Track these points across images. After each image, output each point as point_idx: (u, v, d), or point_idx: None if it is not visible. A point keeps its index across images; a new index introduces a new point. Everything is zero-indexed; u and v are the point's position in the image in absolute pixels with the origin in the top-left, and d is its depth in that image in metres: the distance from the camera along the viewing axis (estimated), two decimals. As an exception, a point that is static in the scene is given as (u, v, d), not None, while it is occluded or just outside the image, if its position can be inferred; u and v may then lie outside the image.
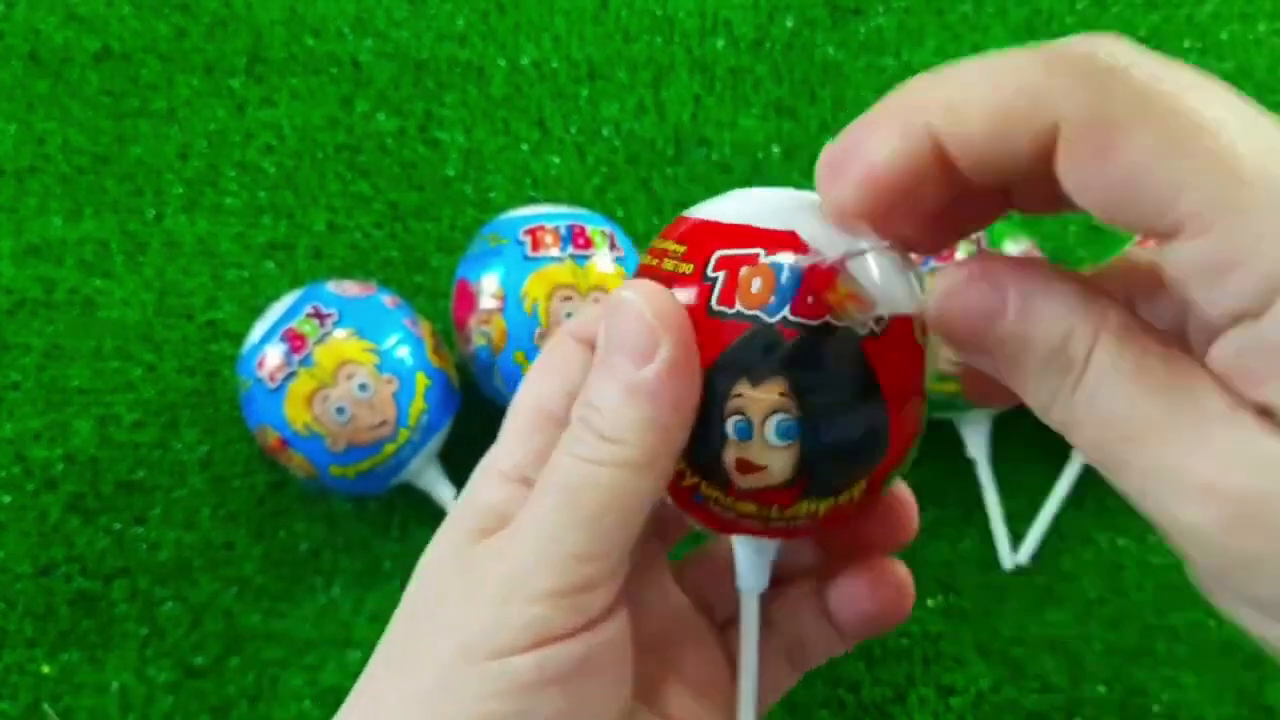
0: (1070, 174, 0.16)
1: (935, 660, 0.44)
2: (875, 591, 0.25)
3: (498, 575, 0.20)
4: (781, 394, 0.20)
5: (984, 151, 0.16)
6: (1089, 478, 0.45)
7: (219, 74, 0.52)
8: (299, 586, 0.45)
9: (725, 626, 0.27)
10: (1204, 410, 0.15)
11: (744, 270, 0.20)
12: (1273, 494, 0.15)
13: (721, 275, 0.20)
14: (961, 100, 0.17)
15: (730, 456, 0.21)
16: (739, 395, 0.20)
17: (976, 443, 0.45)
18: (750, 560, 0.24)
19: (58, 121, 0.51)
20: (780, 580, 0.26)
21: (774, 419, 0.20)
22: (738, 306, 0.20)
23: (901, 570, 0.26)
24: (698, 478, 0.22)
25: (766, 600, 0.25)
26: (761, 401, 0.20)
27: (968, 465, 0.45)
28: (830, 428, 0.20)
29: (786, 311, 0.20)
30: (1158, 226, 0.15)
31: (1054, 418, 0.17)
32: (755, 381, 0.20)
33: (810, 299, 0.20)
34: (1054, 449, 0.45)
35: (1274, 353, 0.15)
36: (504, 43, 0.53)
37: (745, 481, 0.21)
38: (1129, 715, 0.43)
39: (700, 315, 0.20)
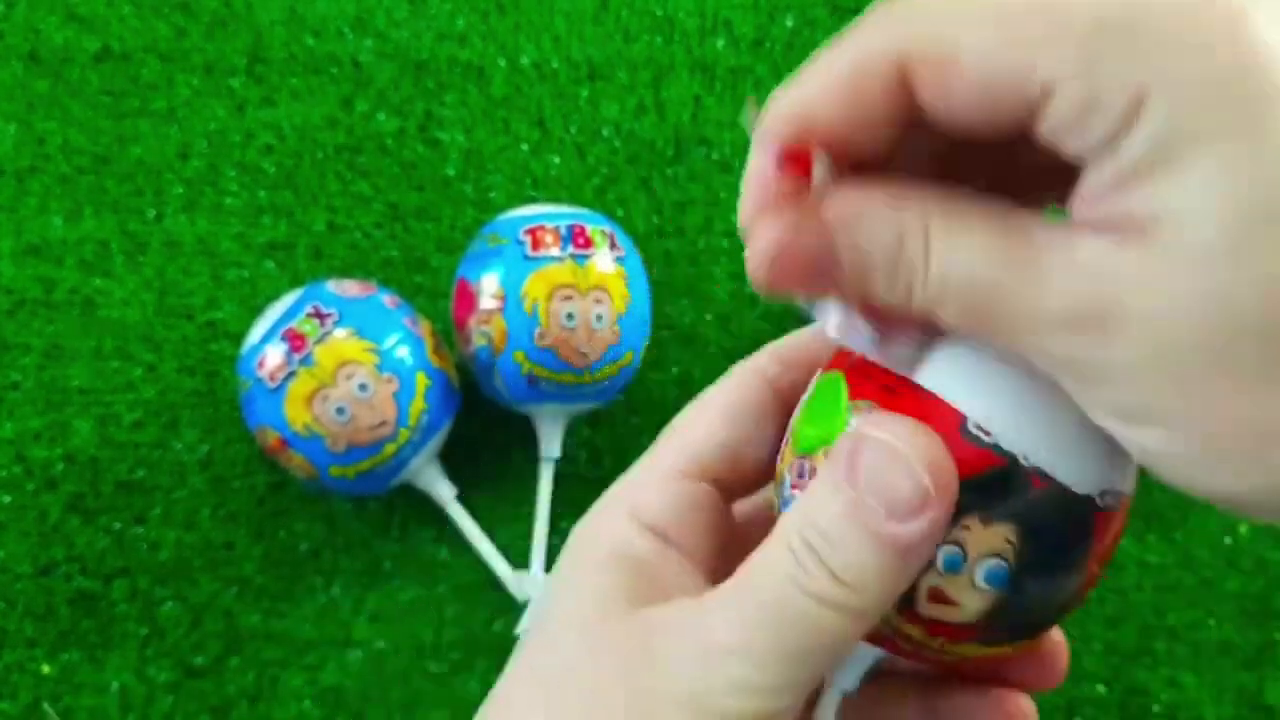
0: (933, 101, 0.16)
1: (935, 660, 0.44)
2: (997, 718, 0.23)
3: (688, 678, 0.18)
4: (1008, 540, 0.19)
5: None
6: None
7: (219, 74, 0.52)
8: (299, 586, 0.45)
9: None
10: (1038, 245, 0.16)
11: None
12: (1113, 295, 0.15)
13: None
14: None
15: (927, 584, 0.19)
16: (965, 528, 0.19)
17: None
18: (854, 666, 0.22)
19: (58, 121, 0.51)
20: (883, 672, 0.24)
21: (989, 561, 0.19)
22: (994, 439, 0.18)
23: (1029, 708, 0.24)
24: None
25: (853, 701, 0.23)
26: (986, 542, 0.19)
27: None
28: (1038, 587, 0.19)
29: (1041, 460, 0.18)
30: (1024, 111, 0.16)
31: (916, 309, 0.18)
32: (987, 521, 0.19)
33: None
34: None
35: (1131, 163, 0.15)
36: (504, 43, 0.53)
37: (929, 610, 0.20)
38: (1129, 715, 0.43)
39: (952, 432, 0.18)
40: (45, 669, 0.43)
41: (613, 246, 0.43)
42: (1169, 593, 0.44)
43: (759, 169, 0.18)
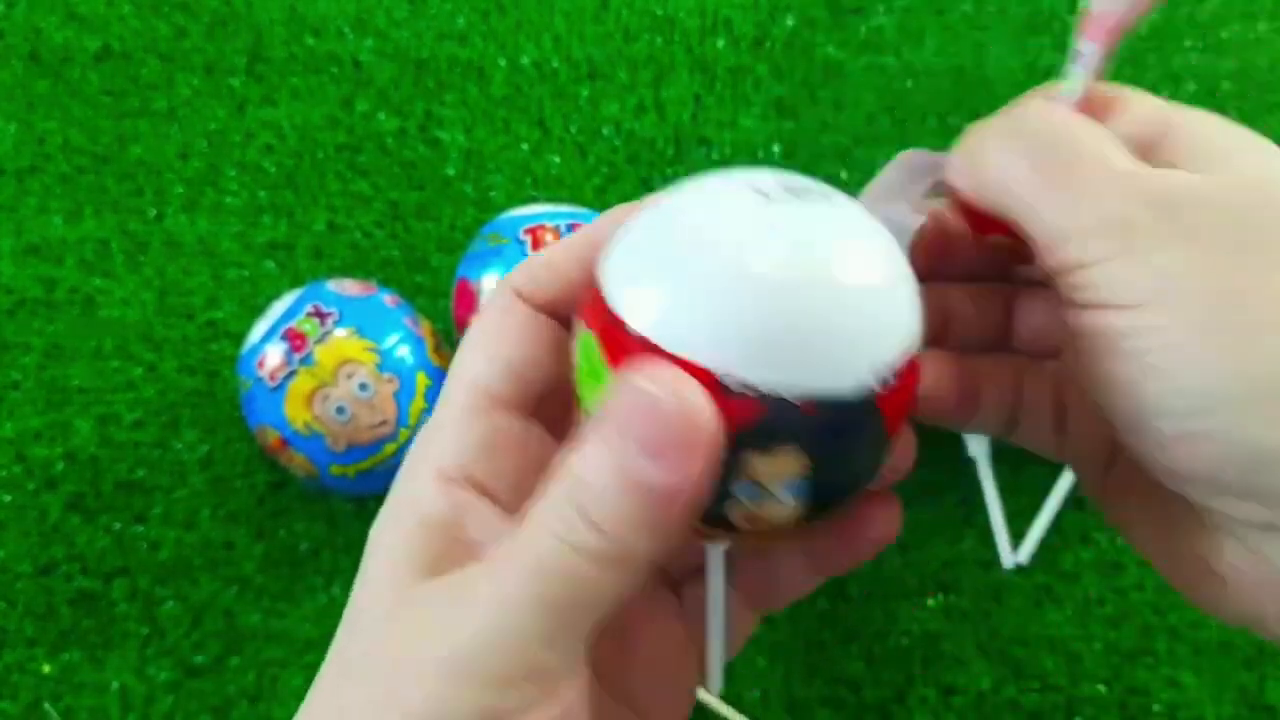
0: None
1: (935, 660, 0.44)
2: (867, 531, 0.23)
3: (448, 646, 0.18)
4: (798, 461, 0.19)
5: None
6: (1089, 477, 0.45)
7: (219, 73, 0.52)
8: (299, 586, 0.45)
9: (682, 584, 0.25)
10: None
11: None
12: (1149, 216, 0.19)
13: None
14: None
15: (735, 512, 0.20)
16: (750, 464, 0.19)
17: (977, 442, 0.45)
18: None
19: (58, 121, 0.51)
20: None
21: (787, 481, 0.19)
22: (752, 386, 0.18)
23: (890, 503, 0.24)
24: (700, 524, 0.20)
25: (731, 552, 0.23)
26: (773, 471, 0.19)
27: (968, 465, 0.45)
28: (841, 475, 0.20)
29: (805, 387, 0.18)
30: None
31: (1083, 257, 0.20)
32: (768, 453, 0.19)
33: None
34: (1054, 448, 0.45)
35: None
36: (504, 42, 0.53)
37: (750, 525, 0.20)
38: (1129, 715, 0.43)
39: (715, 392, 0.18)
40: (46, 668, 0.43)
41: (613, 246, 0.43)
42: (1170, 592, 0.44)
43: None
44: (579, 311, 0.21)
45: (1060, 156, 0.21)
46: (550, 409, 0.22)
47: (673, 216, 0.20)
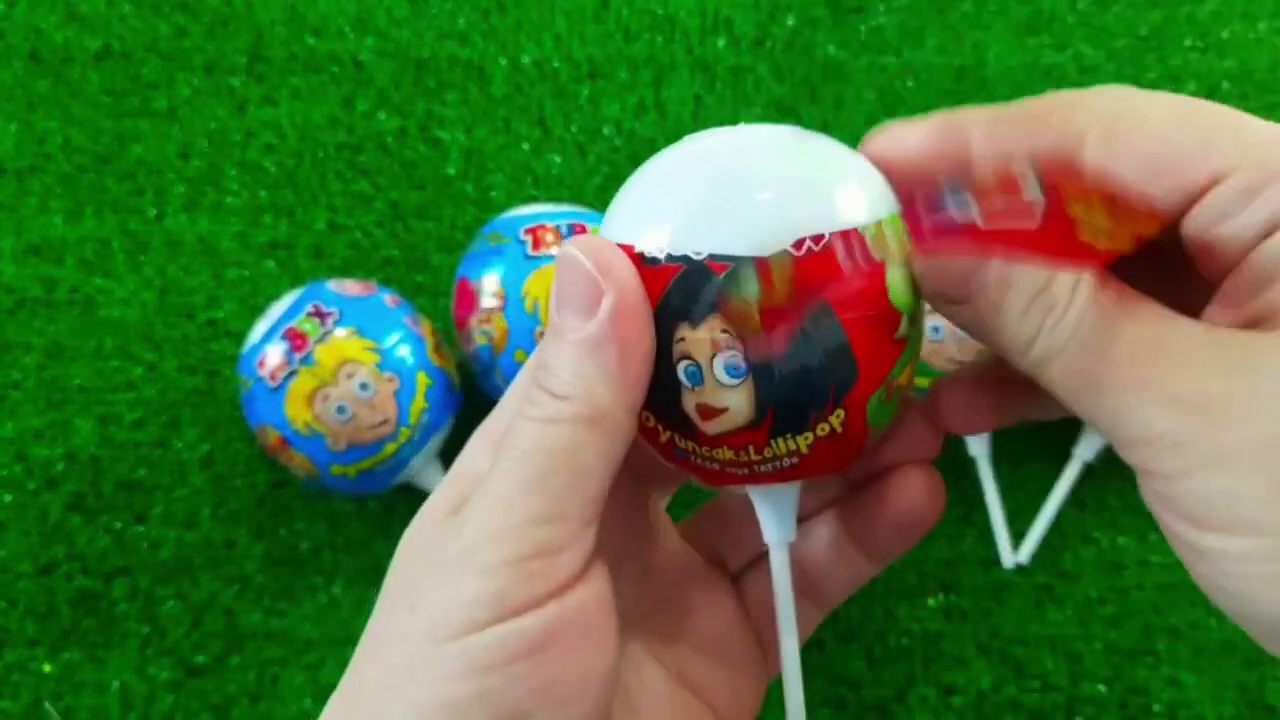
0: (1104, 157, 0.18)
1: (936, 659, 0.44)
2: (901, 499, 0.24)
3: (454, 550, 0.19)
4: (722, 331, 0.19)
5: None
6: (1089, 478, 0.45)
7: (220, 73, 0.52)
8: (300, 585, 0.45)
9: (738, 578, 0.26)
10: (1180, 330, 0.17)
11: None
12: (1240, 382, 0.16)
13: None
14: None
15: (689, 404, 0.20)
16: (681, 340, 0.20)
17: (977, 442, 0.45)
18: (769, 511, 0.23)
19: (58, 121, 0.51)
20: (800, 519, 0.25)
21: (720, 358, 0.20)
22: (665, 251, 0.20)
23: (927, 472, 0.25)
24: (670, 431, 0.21)
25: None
26: (703, 342, 0.20)
27: (968, 464, 0.45)
28: (777, 362, 0.20)
29: (713, 246, 0.19)
30: (1190, 180, 0.17)
31: (1033, 353, 0.18)
32: (695, 323, 0.20)
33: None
34: (1054, 449, 0.45)
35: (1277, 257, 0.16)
36: (505, 42, 0.53)
37: (711, 427, 0.20)
38: (1129, 714, 0.43)
39: (635, 264, 0.20)
40: (46, 668, 0.43)
41: (613, 246, 0.43)
42: (1170, 591, 0.44)
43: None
44: None
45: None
46: None
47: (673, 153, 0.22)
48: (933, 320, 0.40)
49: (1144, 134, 0.17)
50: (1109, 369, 0.17)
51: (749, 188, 0.20)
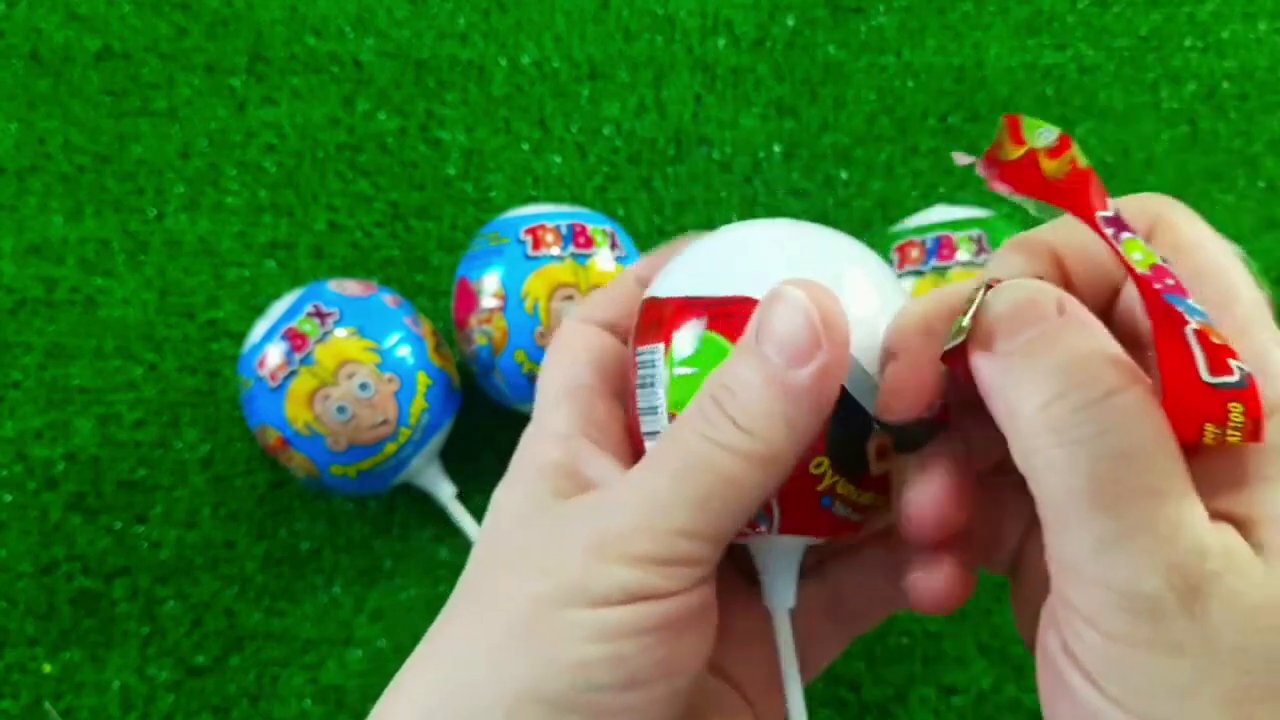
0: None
1: (936, 659, 0.44)
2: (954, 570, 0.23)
3: (596, 529, 0.20)
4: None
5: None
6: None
7: (220, 73, 0.52)
8: (300, 585, 0.45)
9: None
10: (1181, 493, 0.16)
11: None
12: (1214, 572, 0.16)
13: None
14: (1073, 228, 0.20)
15: (874, 443, 0.21)
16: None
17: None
18: (780, 572, 0.24)
19: (59, 120, 0.51)
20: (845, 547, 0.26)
21: None
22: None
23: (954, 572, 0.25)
24: (836, 475, 0.22)
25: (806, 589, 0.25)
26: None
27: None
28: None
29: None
30: None
31: (1043, 440, 0.17)
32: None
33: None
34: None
35: (1263, 462, 0.17)
36: (505, 42, 0.53)
37: (879, 467, 0.22)
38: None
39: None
40: (46, 668, 0.43)
41: (613, 246, 0.43)
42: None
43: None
44: (644, 338, 0.23)
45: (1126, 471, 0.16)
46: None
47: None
48: None
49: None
50: (1112, 494, 0.16)
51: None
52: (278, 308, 0.42)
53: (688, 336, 0.22)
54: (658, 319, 0.23)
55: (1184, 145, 0.52)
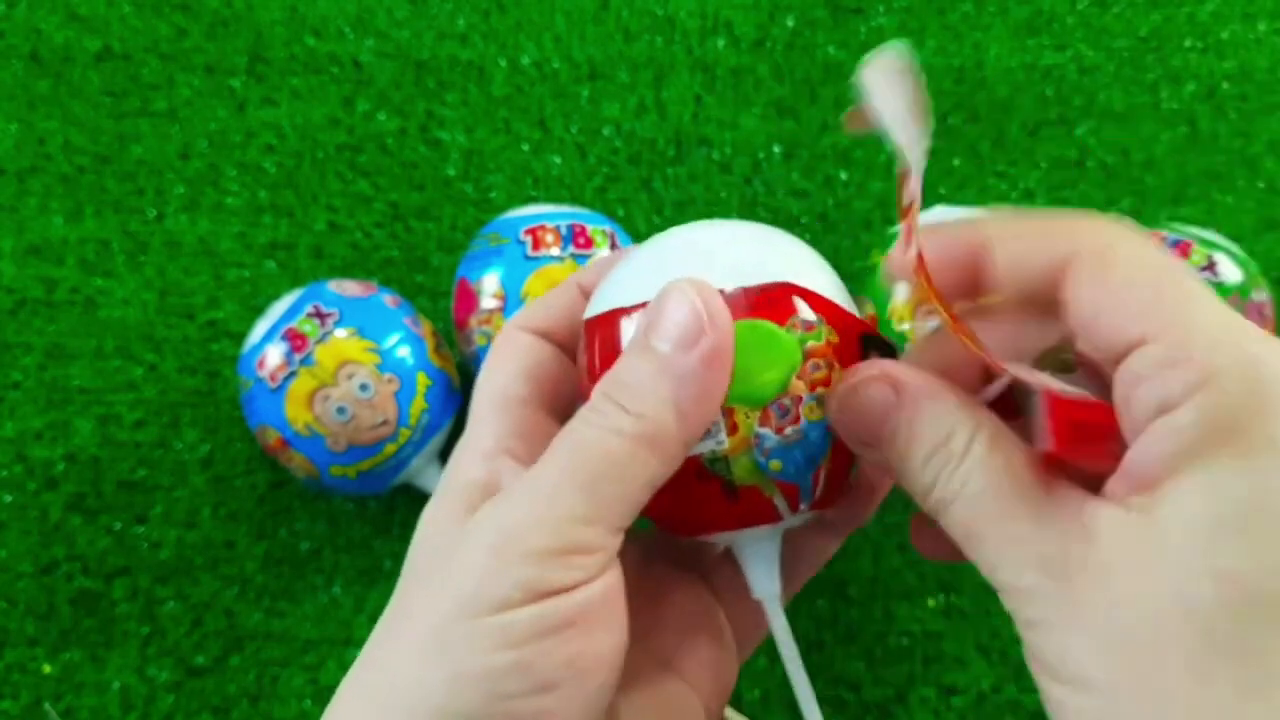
0: (1073, 289, 0.19)
1: (936, 660, 0.44)
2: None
3: (494, 530, 0.20)
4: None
5: (1018, 263, 0.20)
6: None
7: (220, 73, 0.52)
8: (300, 585, 0.45)
9: (708, 574, 0.28)
10: (1058, 489, 0.19)
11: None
12: (1099, 553, 0.18)
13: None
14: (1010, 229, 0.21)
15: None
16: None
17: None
18: (761, 562, 0.24)
19: (59, 121, 0.51)
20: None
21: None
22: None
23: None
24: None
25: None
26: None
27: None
28: None
29: None
30: (1126, 335, 0.18)
31: (932, 498, 0.20)
32: None
33: None
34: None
35: (1177, 434, 0.17)
36: (505, 42, 0.53)
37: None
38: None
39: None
40: (46, 668, 0.43)
41: (613, 246, 0.43)
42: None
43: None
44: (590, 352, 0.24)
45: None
46: (566, 414, 0.25)
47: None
48: None
49: (1110, 284, 0.19)
50: (989, 524, 0.19)
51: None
52: (278, 308, 0.42)
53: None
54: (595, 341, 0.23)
55: (1183, 146, 0.52)
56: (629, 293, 0.23)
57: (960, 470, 0.19)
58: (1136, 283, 0.19)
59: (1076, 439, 0.19)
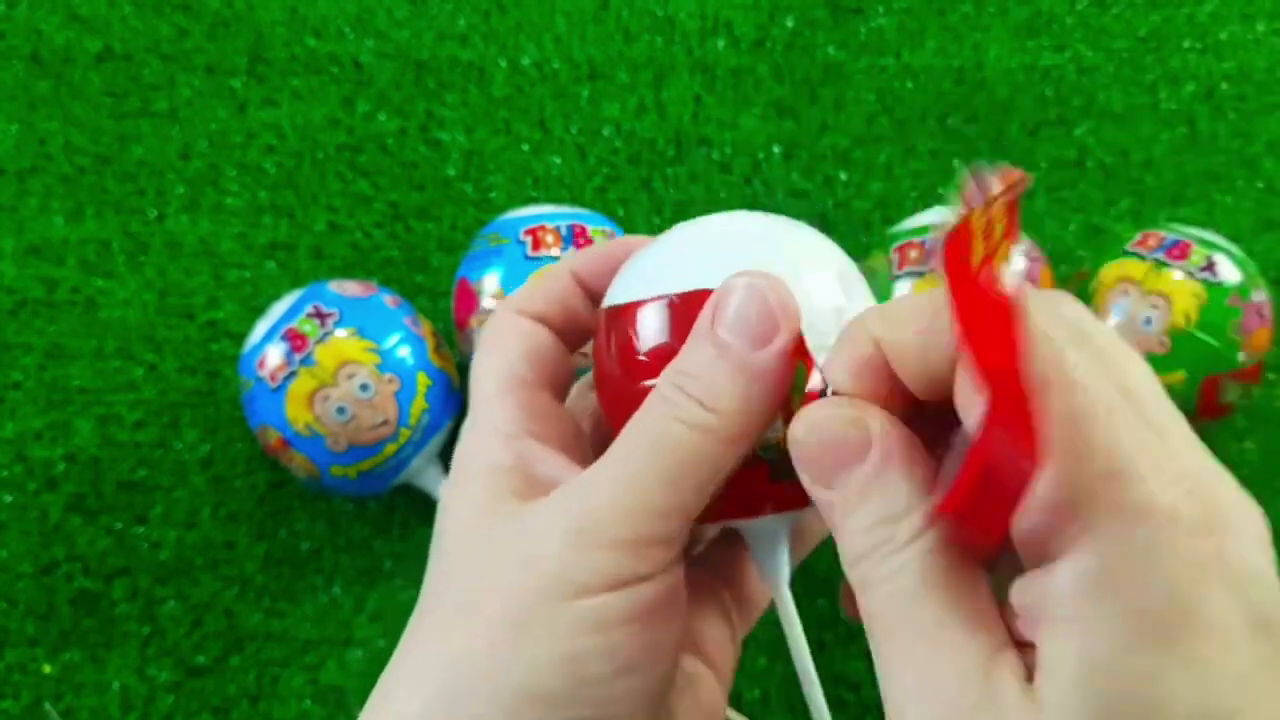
0: (958, 396, 0.18)
1: (935, 660, 0.44)
2: None
3: (573, 517, 0.20)
4: None
5: (914, 361, 0.19)
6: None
7: (220, 74, 0.52)
8: (300, 586, 0.45)
9: (705, 556, 0.28)
10: (957, 635, 0.17)
11: None
12: (968, 709, 0.17)
13: None
14: (896, 317, 0.20)
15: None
16: None
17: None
18: (771, 548, 0.24)
19: (59, 122, 0.51)
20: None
21: None
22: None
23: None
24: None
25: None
26: None
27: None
28: None
29: None
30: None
31: (859, 569, 0.19)
32: None
33: None
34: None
35: (1050, 599, 0.16)
36: (505, 43, 0.53)
37: None
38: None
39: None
40: (46, 668, 0.43)
41: (613, 246, 0.43)
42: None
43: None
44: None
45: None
46: (563, 398, 0.25)
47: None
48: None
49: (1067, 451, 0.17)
50: (897, 630, 0.18)
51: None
52: (278, 308, 0.42)
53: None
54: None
55: (1183, 146, 0.52)
56: (651, 284, 0.23)
57: (898, 558, 0.18)
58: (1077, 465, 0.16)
59: (972, 499, 0.17)
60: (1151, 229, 0.45)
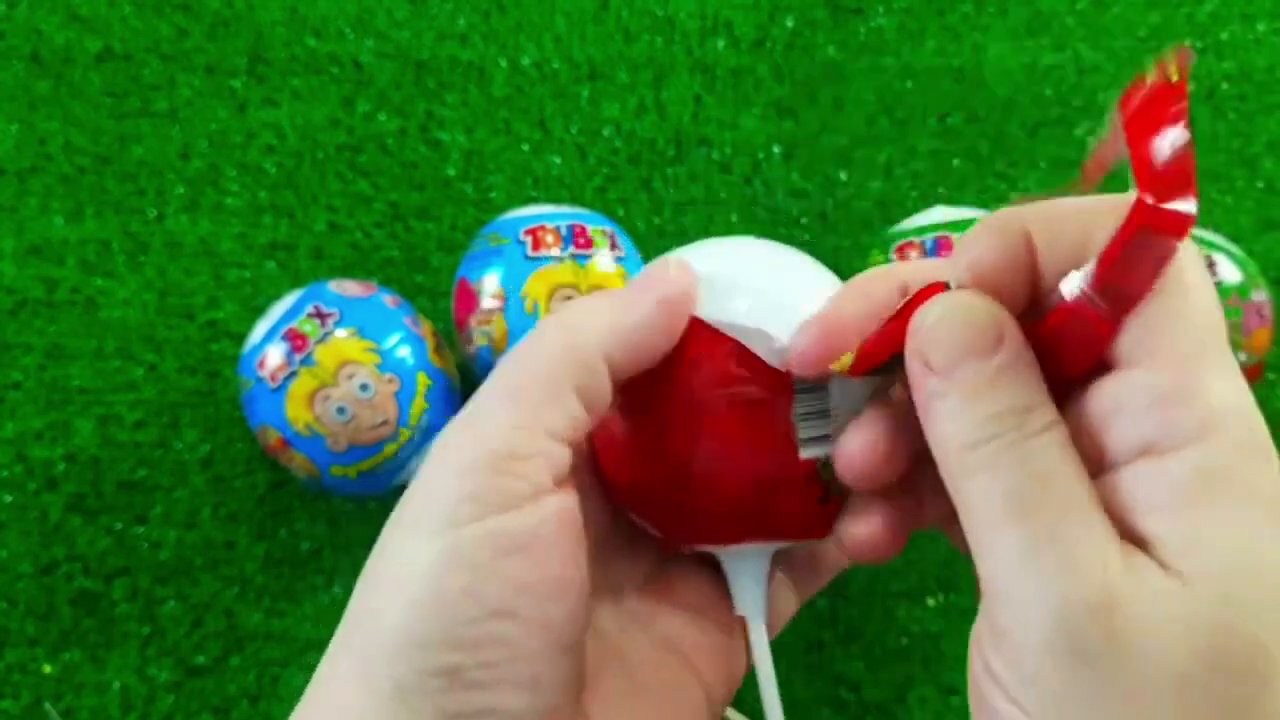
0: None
1: (936, 660, 0.44)
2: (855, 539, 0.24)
3: (438, 461, 0.20)
4: None
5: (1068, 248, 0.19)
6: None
7: (220, 74, 0.52)
8: (300, 586, 0.45)
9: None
10: (1094, 514, 0.17)
11: None
12: (1116, 581, 0.16)
13: None
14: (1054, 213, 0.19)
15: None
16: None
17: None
18: (749, 580, 0.24)
19: (59, 122, 0.51)
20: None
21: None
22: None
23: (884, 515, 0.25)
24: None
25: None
26: None
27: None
28: None
29: None
30: (1118, 347, 0.18)
31: (976, 455, 0.18)
32: None
33: None
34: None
35: (1177, 489, 0.17)
36: (505, 43, 0.53)
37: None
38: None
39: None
40: (47, 668, 0.43)
41: (613, 247, 0.43)
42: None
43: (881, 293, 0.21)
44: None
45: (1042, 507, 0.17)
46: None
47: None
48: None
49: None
50: (1033, 508, 0.17)
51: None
52: (278, 308, 0.42)
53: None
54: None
55: (1183, 146, 0.52)
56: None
57: (1034, 442, 0.17)
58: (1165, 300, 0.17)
59: (1126, 262, 0.17)
60: None
